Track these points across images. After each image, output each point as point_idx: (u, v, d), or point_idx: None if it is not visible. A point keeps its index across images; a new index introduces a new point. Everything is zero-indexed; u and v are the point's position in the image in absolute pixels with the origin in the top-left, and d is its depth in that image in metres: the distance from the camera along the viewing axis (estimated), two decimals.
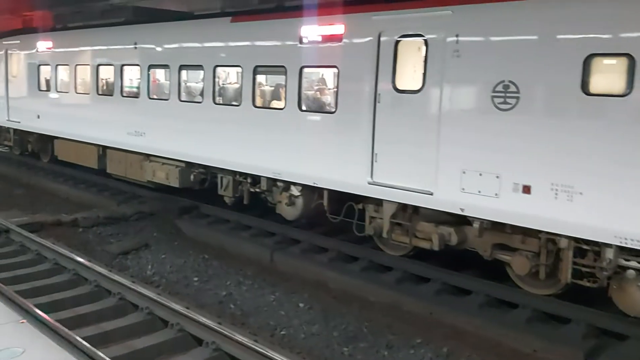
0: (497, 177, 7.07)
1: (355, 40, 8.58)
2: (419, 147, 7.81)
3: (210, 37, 11.00)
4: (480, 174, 7.22)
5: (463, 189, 7.39)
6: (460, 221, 7.90)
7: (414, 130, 7.86)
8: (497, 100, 7.02)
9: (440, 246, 8.02)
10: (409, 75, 8.04)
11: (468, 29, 7.33)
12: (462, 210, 7.49)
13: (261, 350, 6.06)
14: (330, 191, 9.25)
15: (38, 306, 6.94)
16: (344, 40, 8.65)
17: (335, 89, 8.91)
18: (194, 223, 11.95)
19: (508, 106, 6.94)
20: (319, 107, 9.50)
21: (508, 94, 6.92)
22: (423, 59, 7.77)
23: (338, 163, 8.83)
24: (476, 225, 7.55)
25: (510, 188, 6.96)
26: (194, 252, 10.50)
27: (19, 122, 16.86)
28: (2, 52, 17.47)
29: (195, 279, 9.37)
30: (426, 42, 7.71)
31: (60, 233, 11.05)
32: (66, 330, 6.23)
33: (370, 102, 8.27)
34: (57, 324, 6.31)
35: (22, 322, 4.93)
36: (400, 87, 8.05)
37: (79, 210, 12.44)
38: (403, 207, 8.41)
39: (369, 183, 8.41)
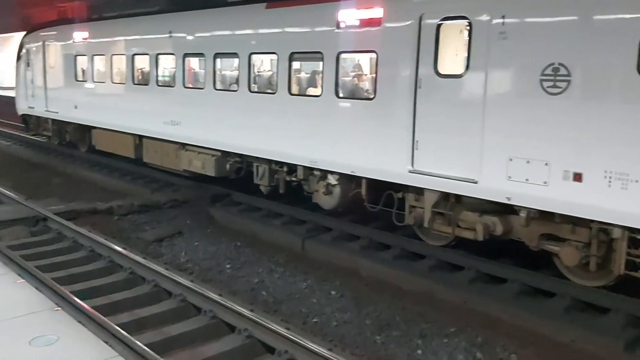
0: (546, 164, 6.74)
1: (395, 24, 8.30)
2: (462, 134, 7.51)
3: (245, 24, 10.86)
4: (528, 162, 6.90)
5: (509, 177, 7.08)
6: (505, 210, 7.60)
7: (457, 116, 7.56)
8: (546, 83, 6.68)
9: (485, 236, 7.74)
10: (452, 59, 7.76)
11: (515, 10, 6.99)
12: (508, 199, 7.18)
13: (293, 338, 5.96)
14: (369, 180, 9.03)
15: (74, 293, 6.98)
16: (384, 24, 8.39)
17: (374, 75, 8.67)
18: (226, 211, 11.93)
19: (558, 90, 6.59)
20: (356, 94, 9.26)
21: (558, 77, 6.57)
22: (467, 41, 7.47)
23: (377, 151, 8.59)
24: (523, 214, 7.24)
25: (560, 176, 6.63)
26: (227, 239, 10.47)
27: (57, 113, 17.07)
28: (40, 44, 17.69)
29: (228, 266, 9.34)
30: (470, 24, 7.40)
31: (96, 221, 11.12)
32: (102, 316, 6.24)
33: (411, 87, 8.00)
34: (93, 311, 6.32)
35: (57, 310, 4.86)
36: (442, 72, 7.76)
37: (115, 199, 12.52)
38: (445, 196, 8.13)
39: (410, 171, 8.15)
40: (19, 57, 19.21)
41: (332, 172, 9.53)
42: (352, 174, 9.11)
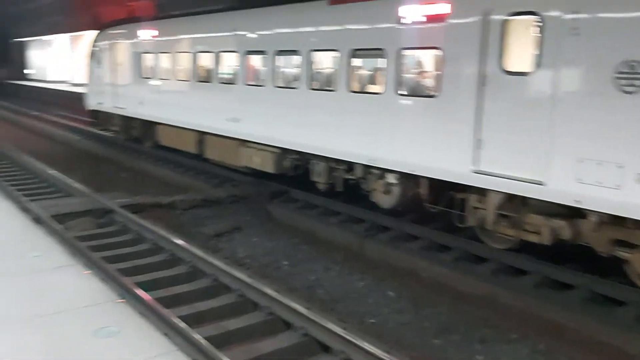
0: (620, 166, 6.37)
1: (461, 20, 8.07)
2: (529, 133, 7.21)
3: (306, 21, 10.86)
4: (600, 163, 6.55)
5: (579, 179, 6.74)
6: (573, 214, 7.25)
7: (524, 115, 7.26)
8: (621, 82, 6.31)
9: (551, 240, 7.41)
10: (520, 56, 7.44)
11: (588, 4, 6.63)
12: (577, 202, 6.84)
13: (350, 338, 5.88)
14: (429, 179, 8.84)
15: (137, 284, 7.16)
16: (449, 20, 8.17)
17: (438, 72, 8.47)
18: (284, 207, 12.00)
19: (634, 88, 6.21)
20: (419, 91, 9.07)
21: (635, 75, 6.20)
22: (536, 38, 7.15)
23: (439, 150, 8.39)
24: (593, 218, 6.90)
25: (635, 179, 6.26)
26: (284, 236, 10.53)
27: (124, 109, 17.66)
28: (110, 42, 18.32)
29: (285, 262, 9.37)
30: (540, 20, 7.08)
31: (159, 214, 11.40)
32: (163, 308, 6.37)
33: (476, 85, 7.75)
34: (155, 303, 6.46)
35: (120, 302, 4.99)
36: (509, 69, 7.48)
37: (177, 193, 12.81)
38: (510, 198, 7.84)
39: (473, 171, 7.91)
40: (90, 55, 19.98)
41: (391, 171, 9.40)
42: (412, 173, 8.95)
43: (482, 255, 8.82)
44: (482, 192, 8.18)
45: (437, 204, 9.04)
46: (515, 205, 7.86)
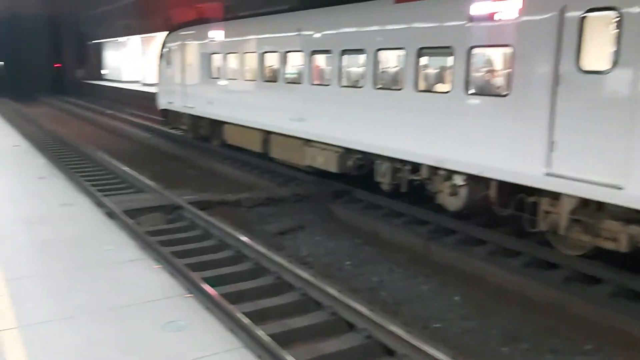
0: None
1: (534, 17, 7.76)
2: (607, 135, 6.84)
3: (372, 19, 10.78)
4: None
5: None
6: None
7: (602, 115, 6.90)
8: None
9: (629, 248, 7.01)
10: (597, 54, 7.07)
11: None
12: None
13: (414, 342, 5.78)
14: (499, 182, 8.56)
15: (204, 279, 7.32)
16: (521, 16, 7.89)
17: (509, 70, 8.19)
18: (347, 207, 11.96)
19: None
20: (488, 90, 8.80)
21: None
22: (615, 34, 6.78)
23: (509, 151, 8.10)
24: None
25: None
26: (347, 236, 10.49)
27: (193, 108, 18.15)
28: (179, 43, 18.88)
29: (348, 263, 9.33)
30: (619, 16, 6.71)
31: (225, 211, 11.61)
32: (228, 304, 6.48)
33: (550, 84, 7.42)
34: (221, 298, 6.59)
35: (188, 297, 5.10)
36: (585, 68, 7.12)
37: (242, 191, 13.03)
38: (585, 202, 7.47)
39: (545, 174, 7.59)
40: (161, 56, 20.66)
41: (458, 173, 9.17)
42: (480, 175, 8.70)
43: (553, 262, 8.47)
44: (554, 195, 7.84)
45: (507, 207, 8.75)
46: (590, 210, 7.48)
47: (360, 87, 11.08)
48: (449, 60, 9.20)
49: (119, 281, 5.40)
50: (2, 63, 60.61)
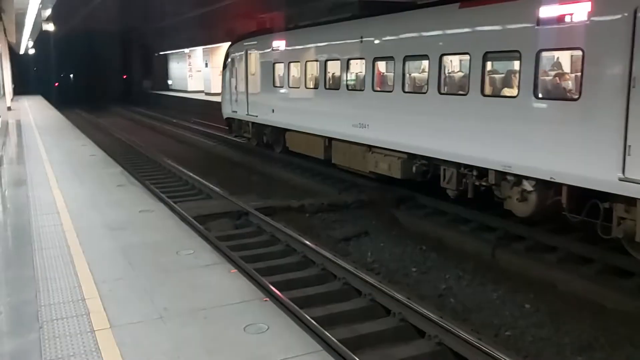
0: None
1: (605, 18, 7.60)
2: None
3: (436, 25, 10.77)
4: None
5: None
6: None
7: None
8: None
9: None
10: None
11: None
12: None
13: (486, 349, 5.77)
14: (570, 187, 8.38)
15: (273, 284, 7.55)
16: (591, 18, 7.72)
17: (579, 74, 8.02)
18: (411, 213, 11.96)
19: None
20: (558, 94, 8.63)
21: None
22: None
23: (580, 156, 7.93)
24: None
25: None
26: (412, 242, 10.49)
27: (256, 116, 18.57)
28: (242, 53, 19.36)
29: (414, 269, 9.34)
30: None
31: (290, 217, 11.85)
32: (298, 309, 6.67)
33: (623, 87, 7.23)
34: (292, 303, 6.79)
35: (265, 300, 5.30)
36: None
37: (306, 197, 13.25)
38: None
39: (620, 179, 7.38)
40: (224, 66, 21.24)
41: (527, 178, 9.03)
42: (551, 180, 8.54)
43: (629, 269, 8.23)
44: (630, 201, 7.61)
45: (579, 212, 8.54)
46: None
47: (424, 93, 11.08)
48: (516, 65, 9.09)
49: (199, 285, 5.67)
50: (72, 76, 63.85)
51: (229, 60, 20.56)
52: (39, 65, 58.82)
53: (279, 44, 16.91)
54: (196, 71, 47.42)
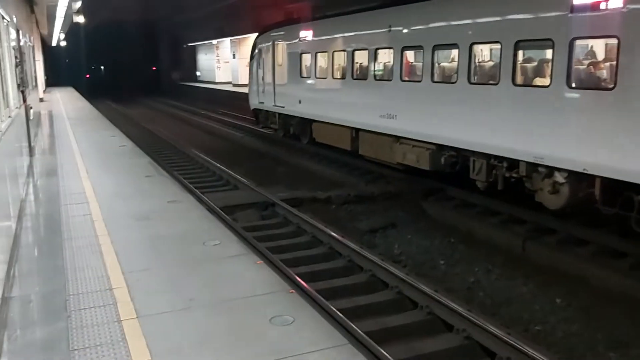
0: None
1: None
2: None
3: (467, 13, 10.54)
4: None
5: None
6: None
7: None
8: None
9: None
10: None
11: None
12: None
13: (516, 344, 5.65)
14: (604, 179, 8.15)
15: (299, 276, 7.54)
16: (628, 5, 7.45)
17: (614, 63, 7.76)
18: (440, 205, 11.80)
19: None
20: (592, 84, 8.38)
21: None
22: None
23: (616, 147, 7.70)
24: None
25: None
26: (440, 234, 10.36)
27: (283, 107, 18.55)
28: (270, 44, 19.33)
29: (442, 262, 9.22)
30: None
31: (316, 208, 11.82)
32: (325, 301, 6.64)
33: None
34: (318, 295, 6.75)
35: (291, 292, 5.27)
36: None
37: (332, 188, 13.18)
38: None
39: None
40: (252, 57, 21.24)
41: (559, 170, 8.81)
42: (584, 172, 8.31)
43: None
44: None
45: (612, 205, 8.30)
46: None
47: (453, 83, 10.88)
48: (548, 53, 8.85)
49: (226, 275, 5.66)
50: (102, 67, 64.87)
51: (256, 51, 20.55)
52: (70, 57, 59.83)
53: (306, 34, 16.82)
54: (224, 62, 47.62)
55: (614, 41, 7.77)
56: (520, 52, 9.41)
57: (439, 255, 9.50)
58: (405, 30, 12.35)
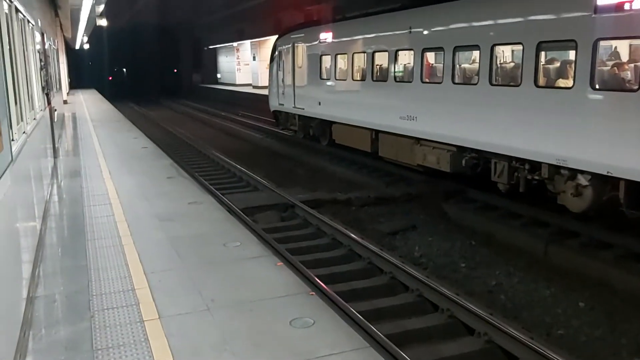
0: None
1: None
2: None
3: (488, 14, 10.46)
4: None
5: None
6: None
7: None
8: None
9: None
10: None
11: None
12: None
13: (538, 348, 5.59)
14: (629, 182, 8.02)
15: (319, 277, 7.54)
16: None
17: (639, 64, 7.64)
18: (461, 208, 11.70)
19: None
20: (616, 85, 8.26)
21: None
22: None
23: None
24: None
25: None
26: (461, 237, 10.28)
27: (303, 109, 18.59)
28: (289, 46, 19.39)
29: (463, 264, 9.15)
30: None
31: (335, 210, 11.81)
32: (345, 303, 6.63)
33: None
34: (338, 297, 6.75)
35: (312, 294, 5.27)
36: None
37: (352, 190, 13.16)
38: None
39: None
40: (272, 59, 21.33)
41: (583, 172, 8.68)
42: (608, 175, 8.18)
43: None
44: None
45: (636, 209, 8.16)
46: None
47: (474, 85, 10.80)
48: (571, 54, 8.75)
49: (246, 277, 5.69)
50: (124, 70, 65.70)
51: (276, 53, 20.62)
52: (93, 59, 60.70)
53: (326, 36, 16.84)
54: (244, 64, 47.90)
55: (639, 42, 7.64)
56: (542, 54, 9.31)
57: (460, 258, 9.42)
58: (425, 32, 12.30)
